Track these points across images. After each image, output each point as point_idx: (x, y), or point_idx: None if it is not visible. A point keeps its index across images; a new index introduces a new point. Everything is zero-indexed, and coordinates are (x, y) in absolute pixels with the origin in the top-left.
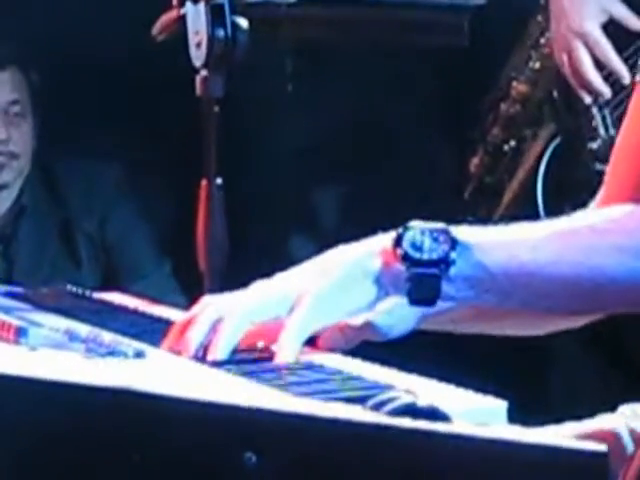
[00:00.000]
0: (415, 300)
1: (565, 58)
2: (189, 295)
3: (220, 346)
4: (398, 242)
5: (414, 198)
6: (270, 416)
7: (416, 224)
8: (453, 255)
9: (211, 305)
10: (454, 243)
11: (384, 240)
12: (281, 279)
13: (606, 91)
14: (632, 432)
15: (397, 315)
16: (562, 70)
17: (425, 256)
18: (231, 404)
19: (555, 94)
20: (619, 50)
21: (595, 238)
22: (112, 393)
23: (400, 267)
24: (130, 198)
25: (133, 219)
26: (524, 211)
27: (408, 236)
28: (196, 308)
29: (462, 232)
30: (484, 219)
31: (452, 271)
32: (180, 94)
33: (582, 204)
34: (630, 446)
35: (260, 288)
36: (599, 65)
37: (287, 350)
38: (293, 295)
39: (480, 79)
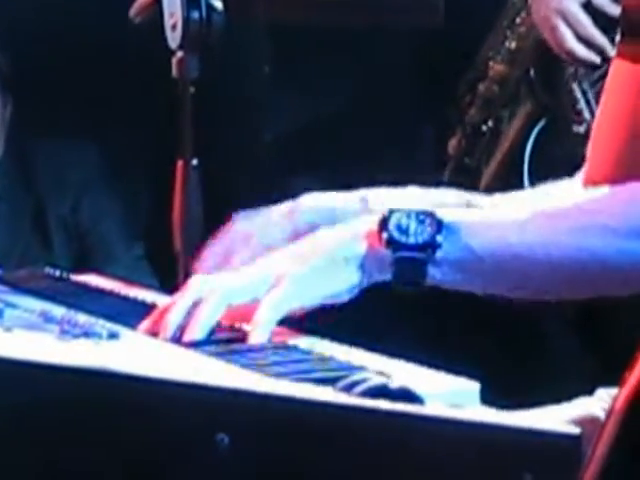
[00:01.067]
0: (400, 284)
1: (550, 37)
2: (162, 277)
3: (196, 327)
4: (383, 225)
5: (392, 181)
6: (242, 397)
7: (402, 206)
8: (439, 238)
9: (194, 286)
10: (440, 226)
11: (369, 223)
12: (263, 262)
13: (594, 58)
14: None
15: None
16: (554, 50)
17: (411, 239)
18: (203, 385)
19: (532, 73)
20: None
21: (583, 219)
22: (84, 374)
23: (385, 251)
24: (104, 181)
25: (106, 202)
26: (505, 191)
27: (394, 219)
28: (182, 291)
29: (448, 214)
30: None
31: (438, 254)
32: (155, 76)
33: None
34: None
35: (241, 270)
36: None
37: (259, 330)
38: (272, 277)
39: (457, 60)
